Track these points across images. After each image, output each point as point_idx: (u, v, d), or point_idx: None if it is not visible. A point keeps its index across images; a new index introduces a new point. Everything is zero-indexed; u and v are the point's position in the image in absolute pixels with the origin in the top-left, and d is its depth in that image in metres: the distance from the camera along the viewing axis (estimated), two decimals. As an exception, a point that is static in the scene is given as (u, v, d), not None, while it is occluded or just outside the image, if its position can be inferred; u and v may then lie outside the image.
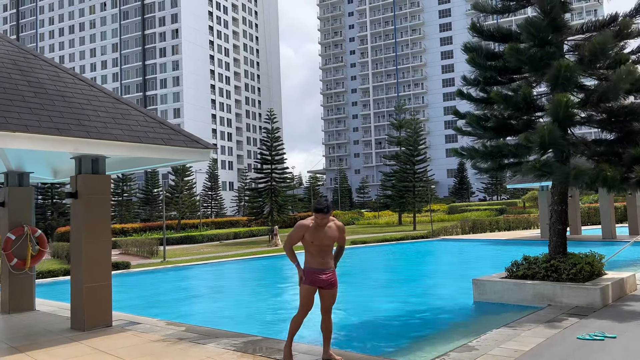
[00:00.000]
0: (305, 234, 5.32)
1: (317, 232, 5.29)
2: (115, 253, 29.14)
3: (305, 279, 5.34)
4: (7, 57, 7.50)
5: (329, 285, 5.38)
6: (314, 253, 5.33)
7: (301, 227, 5.36)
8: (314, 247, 5.31)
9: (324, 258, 5.35)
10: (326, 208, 5.28)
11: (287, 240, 5.51)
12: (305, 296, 5.34)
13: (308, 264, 5.38)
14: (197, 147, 7.99)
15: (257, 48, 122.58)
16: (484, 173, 10.20)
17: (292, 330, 5.45)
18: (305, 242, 5.35)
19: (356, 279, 14.98)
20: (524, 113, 9.12)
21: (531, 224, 34.23)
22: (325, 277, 5.34)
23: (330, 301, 5.45)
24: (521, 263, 9.44)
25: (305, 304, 5.35)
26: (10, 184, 9.49)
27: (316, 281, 5.32)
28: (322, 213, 5.27)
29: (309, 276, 5.32)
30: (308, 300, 5.35)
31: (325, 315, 5.47)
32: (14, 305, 9.20)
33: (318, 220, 5.32)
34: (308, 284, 5.33)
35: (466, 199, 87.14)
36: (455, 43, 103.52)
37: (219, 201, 75.17)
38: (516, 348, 5.80)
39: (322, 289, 5.37)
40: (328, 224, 5.38)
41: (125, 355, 6.00)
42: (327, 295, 5.41)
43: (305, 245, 5.38)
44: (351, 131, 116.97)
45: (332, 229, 5.39)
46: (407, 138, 46.29)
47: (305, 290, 5.34)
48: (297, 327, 5.45)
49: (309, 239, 5.30)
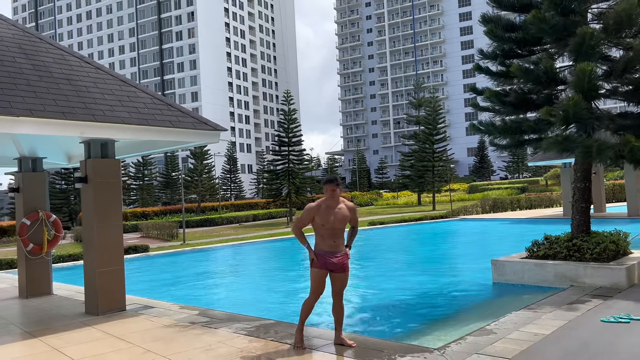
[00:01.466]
0: (315, 217, 5.17)
1: (327, 214, 5.13)
2: (136, 236, 29.54)
3: (315, 263, 5.20)
4: (11, 41, 7.40)
5: (340, 269, 5.22)
6: (324, 236, 5.18)
7: (310, 209, 5.21)
8: (325, 230, 5.15)
9: (335, 240, 5.20)
10: (335, 180, 5.19)
11: (296, 222, 5.37)
12: (316, 280, 5.21)
13: (318, 246, 5.23)
14: (206, 128, 7.83)
15: (272, 29, 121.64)
16: (502, 150, 9.86)
17: (303, 314, 5.34)
18: (316, 225, 5.19)
19: (374, 261, 14.83)
20: (545, 87, 8.71)
21: (553, 202, 33.58)
22: (336, 260, 5.19)
23: (342, 285, 5.30)
24: (542, 243, 9.15)
25: (316, 288, 5.22)
26: (24, 170, 9.50)
27: (327, 264, 5.18)
28: (332, 184, 5.15)
29: (320, 259, 5.18)
30: (319, 284, 5.21)
31: (336, 299, 5.33)
32: (32, 290, 9.28)
33: (328, 196, 5.17)
34: (319, 268, 5.19)
35: (487, 177, 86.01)
36: (475, 18, 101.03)
37: (237, 184, 75.54)
38: (536, 332, 5.58)
39: (333, 272, 5.23)
40: (338, 205, 5.21)
41: (137, 341, 5.95)
42: (338, 278, 5.26)
43: (316, 228, 5.22)
44: (369, 111, 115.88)
45: (343, 210, 5.22)
46: (426, 117, 45.57)
47: (316, 274, 5.20)
48: (308, 312, 5.33)
49: (319, 221, 5.15)
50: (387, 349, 5.20)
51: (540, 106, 8.90)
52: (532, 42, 9.00)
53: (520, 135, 8.81)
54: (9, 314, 7.94)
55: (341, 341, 5.32)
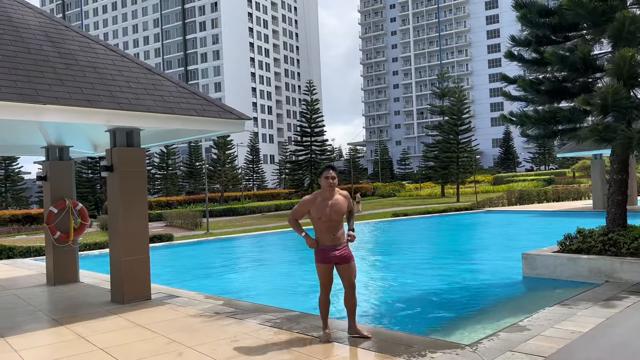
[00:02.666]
0: (310, 210, 5.12)
1: (323, 207, 5.08)
2: (161, 225, 29.86)
3: (317, 258, 5.16)
4: (38, 29, 7.39)
5: (343, 260, 5.17)
6: (323, 230, 5.13)
7: (306, 201, 5.18)
8: (322, 224, 5.10)
9: (335, 234, 5.15)
10: (335, 167, 5.23)
11: (291, 214, 5.31)
12: (322, 275, 5.19)
13: (319, 242, 5.18)
14: (231, 117, 7.73)
15: (295, 19, 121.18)
16: (534, 140, 9.55)
17: (322, 312, 5.31)
18: (313, 219, 5.15)
19: (399, 253, 14.65)
20: (581, 74, 8.36)
21: (582, 194, 32.78)
22: (338, 252, 5.15)
23: (350, 275, 5.23)
24: (575, 236, 8.85)
25: (324, 283, 5.20)
26: (51, 158, 9.57)
27: (330, 258, 5.13)
28: (333, 170, 5.16)
29: (321, 254, 5.14)
30: (326, 279, 5.19)
31: (348, 290, 5.27)
32: (59, 278, 9.37)
33: (326, 185, 5.14)
34: (322, 262, 5.15)
35: (512, 169, 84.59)
36: (501, 7, 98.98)
37: (260, 174, 75.85)
38: (572, 329, 5.35)
39: (338, 264, 5.19)
40: (334, 196, 5.16)
41: (162, 330, 5.92)
42: (344, 270, 5.21)
43: (314, 223, 5.18)
44: (392, 101, 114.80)
45: (340, 201, 5.17)
46: (450, 107, 44.87)
47: (321, 269, 5.17)
48: (325, 308, 5.29)
49: (315, 215, 5.09)
50: (417, 344, 5.04)
51: (575, 95, 8.57)
52: (567, 27, 8.64)
53: (554, 125, 8.48)
54: (37, 301, 8.02)
55: (356, 332, 5.29)
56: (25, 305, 7.70)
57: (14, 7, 7.76)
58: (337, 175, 5.24)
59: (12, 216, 32.82)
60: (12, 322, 6.67)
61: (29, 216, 33.41)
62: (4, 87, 5.78)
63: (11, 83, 5.92)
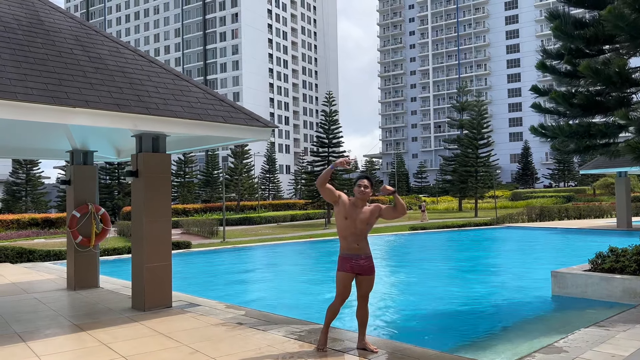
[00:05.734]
0: (340, 201, 5.09)
1: (351, 209, 5.07)
2: (177, 232, 29.90)
3: (340, 266, 5.10)
4: (69, 33, 7.41)
5: (367, 271, 5.09)
6: (348, 238, 5.07)
7: (341, 193, 5.16)
8: (347, 229, 5.05)
9: (359, 243, 5.08)
10: (370, 178, 5.18)
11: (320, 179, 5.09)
12: (342, 284, 5.08)
13: (343, 250, 5.13)
14: (258, 125, 7.65)
15: (315, 31, 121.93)
16: (565, 155, 9.32)
17: (328, 319, 5.24)
18: (339, 218, 5.09)
19: (420, 268, 14.38)
20: (616, 88, 8.13)
21: (604, 212, 32.14)
22: (363, 262, 5.08)
23: (368, 288, 5.15)
24: (607, 255, 8.56)
25: (342, 292, 5.10)
26: (76, 163, 9.58)
27: (353, 267, 5.06)
28: (367, 179, 5.13)
29: (344, 263, 5.08)
30: (344, 289, 5.09)
31: (362, 302, 5.18)
32: (79, 282, 9.33)
33: (358, 195, 5.11)
34: (344, 271, 5.07)
35: (530, 185, 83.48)
36: (522, 22, 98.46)
37: (276, 184, 75.85)
38: (613, 352, 5.10)
39: (360, 275, 5.10)
40: (364, 207, 5.12)
41: (185, 339, 5.79)
42: (364, 281, 5.11)
43: (339, 227, 5.12)
44: (409, 114, 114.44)
45: (367, 213, 5.10)
46: (470, 121, 44.48)
47: (342, 277, 5.08)
48: (333, 316, 5.23)
49: (343, 212, 5.06)
50: None
51: (609, 109, 8.34)
52: (602, 40, 8.43)
53: (588, 139, 8.24)
54: (58, 305, 7.96)
55: (364, 345, 5.20)
56: (46, 309, 7.65)
57: (46, 12, 7.81)
58: (370, 186, 5.15)
59: (32, 219, 33.16)
60: (34, 326, 6.60)
61: (48, 220, 33.73)
62: (35, 90, 5.77)
63: (42, 86, 5.91)
